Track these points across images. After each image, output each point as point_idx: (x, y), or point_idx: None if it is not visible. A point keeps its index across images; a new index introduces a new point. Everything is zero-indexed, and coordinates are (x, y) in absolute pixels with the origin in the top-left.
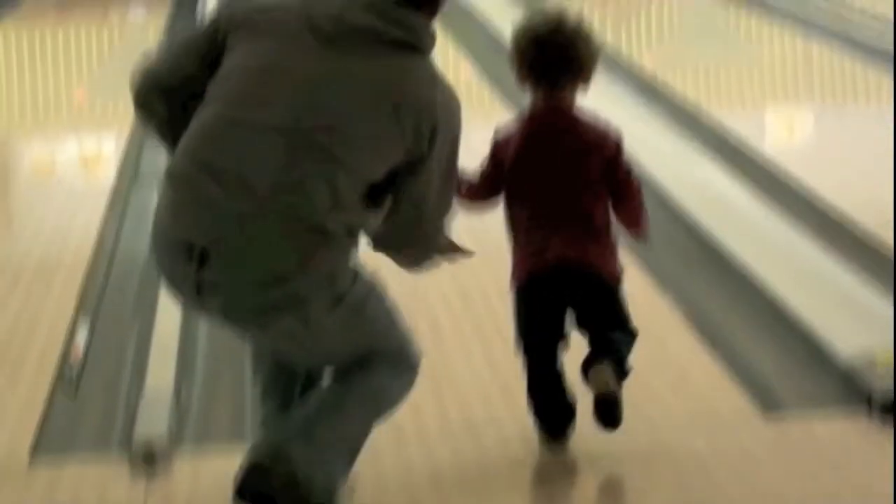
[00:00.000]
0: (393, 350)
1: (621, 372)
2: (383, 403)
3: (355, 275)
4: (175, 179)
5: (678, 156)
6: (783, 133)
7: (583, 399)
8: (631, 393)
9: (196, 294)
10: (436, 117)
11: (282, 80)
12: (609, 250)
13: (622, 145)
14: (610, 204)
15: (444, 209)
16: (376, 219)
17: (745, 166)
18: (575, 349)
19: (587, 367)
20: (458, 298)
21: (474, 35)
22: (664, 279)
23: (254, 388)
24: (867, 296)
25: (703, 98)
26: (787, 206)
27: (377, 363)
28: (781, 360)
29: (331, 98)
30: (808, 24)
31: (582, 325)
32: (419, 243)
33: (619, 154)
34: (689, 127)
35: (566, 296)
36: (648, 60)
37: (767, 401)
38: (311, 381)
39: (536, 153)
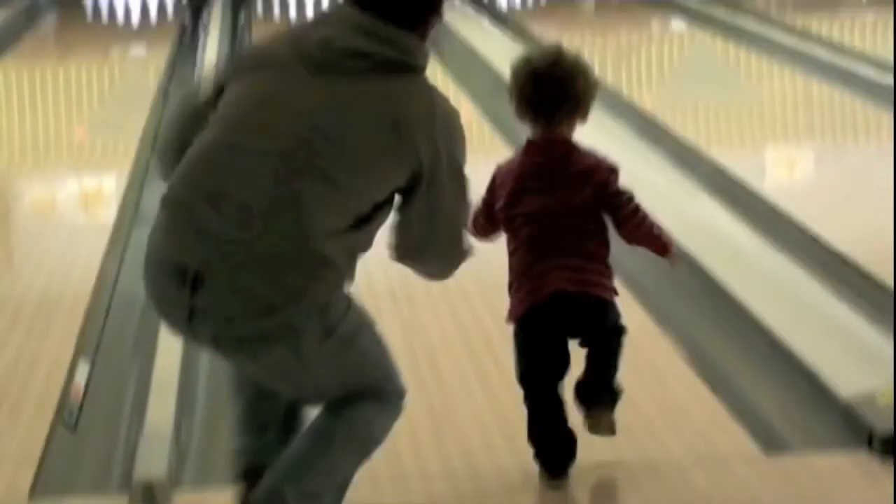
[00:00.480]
0: (380, 385)
1: (615, 400)
2: (369, 442)
3: (348, 304)
4: (171, 204)
5: (678, 194)
6: (784, 171)
7: (582, 435)
8: (631, 431)
9: (187, 321)
10: (435, 131)
11: (279, 107)
12: (605, 277)
13: (616, 171)
14: (617, 231)
15: (458, 218)
16: (370, 238)
17: (746, 205)
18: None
19: (584, 399)
20: (458, 337)
21: (476, 76)
22: (665, 317)
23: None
24: (868, 333)
25: (703, 136)
26: (788, 245)
27: (364, 399)
28: (782, 398)
29: (328, 123)
30: (808, 62)
31: (583, 343)
32: (440, 252)
33: (613, 178)
34: (689, 165)
35: (565, 325)
36: (648, 99)
37: (768, 439)
38: (293, 410)
39: (533, 182)
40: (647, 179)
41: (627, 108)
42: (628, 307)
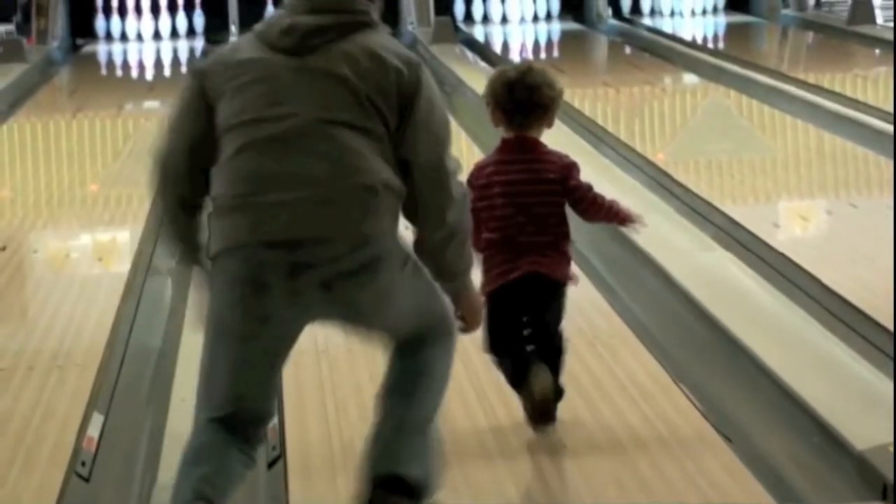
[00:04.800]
0: (444, 314)
1: (559, 398)
2: (443, 384)
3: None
4: (235, 206)
5: (691, 247)
6: (797, 224)
7: (593, 483)
8: (645, 481)
9: (289, 279)
10: (407, 56)
11: (282, 93)
12: (564, 265)
13: (577, 166)
14: (582, 216)
15: (446, 150)
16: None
17: (759, 257)
18: None
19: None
20: (470, 386)
21: (488, 127)
22: (678, 368)
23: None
24: (882, 385)
25: (716, 189)
26: (802, 297)
27: (430, 343)
28: (796, 449)
29: (325, 88)
30: (821, 116)
31: (528, 321)
32: (442, 204)
33: (575, 172)
34: (702, 218)
35: (526, 302)
36: (661, 151)
37: (783, 490)
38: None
39: (506, 175)
40: (660, 232)
41: (640, 161)
42: (641, 359)
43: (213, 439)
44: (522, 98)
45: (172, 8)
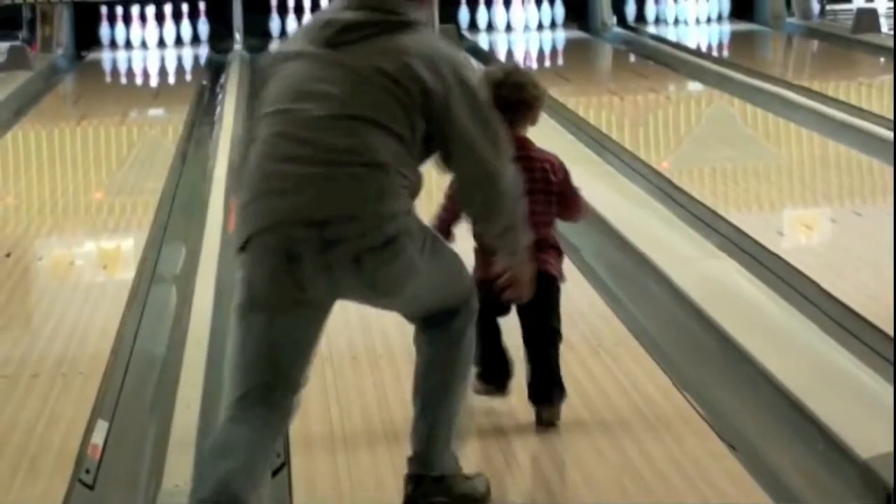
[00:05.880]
0: (458, 301)
1: (562, 397)
2: (469, 357)
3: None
4: (255, 192)
5: (695, 255)
6: (801, 232)
7: (597, 485)
8: (648, 486)
9: (321, 253)
10: (437, 63)
11: (307, 87)
12: (557, 259)
13: (566, 168)
14: (567, 216)
15: (494, 147)
16: (420, 178)
17: (763, 265)
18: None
19: (537, 399)
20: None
21: None
22: (681, 374)
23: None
24: (887, 393)
25: (720, 197)
26: (806, 305)
27: (452, 318)
28: (800, 457)
29: (347, 84)
30: (825, 124)
31: (522, 316)
32: (489, 190)
33: (568, 176)
34: (706, 226)
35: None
36: (665, 159)
37: (787, 499)
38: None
39: None
40: (664, 240)
41: (645, 169)
42: (644, 365)
43: (240, 432)
44: (509, 96)
45: (177, 16)
